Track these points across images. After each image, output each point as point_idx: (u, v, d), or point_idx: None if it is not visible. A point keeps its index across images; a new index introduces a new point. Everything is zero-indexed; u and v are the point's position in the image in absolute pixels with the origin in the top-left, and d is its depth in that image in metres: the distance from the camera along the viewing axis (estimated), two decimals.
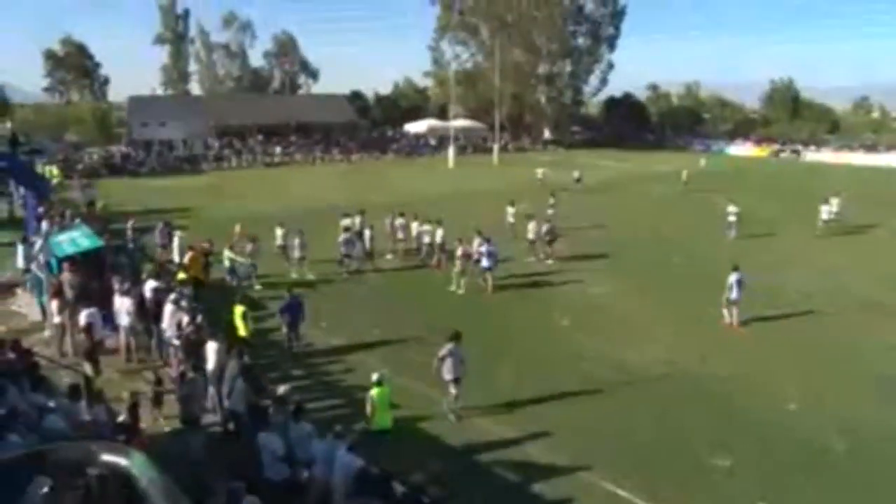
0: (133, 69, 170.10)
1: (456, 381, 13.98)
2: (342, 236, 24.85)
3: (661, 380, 16.07)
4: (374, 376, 12.57)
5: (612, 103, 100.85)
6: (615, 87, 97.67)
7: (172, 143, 67.44)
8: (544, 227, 26.86)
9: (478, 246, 23.40)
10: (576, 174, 47.24)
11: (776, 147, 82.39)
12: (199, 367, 13.56)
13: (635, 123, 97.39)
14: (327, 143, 74.99)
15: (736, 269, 19.82)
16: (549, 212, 31.28)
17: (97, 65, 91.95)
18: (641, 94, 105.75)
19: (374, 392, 12.31)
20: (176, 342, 15.07)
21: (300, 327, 17.53)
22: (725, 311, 19.78)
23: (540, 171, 49.84)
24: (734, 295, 19.51)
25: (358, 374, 15.78)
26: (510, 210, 29.27)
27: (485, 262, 22.63)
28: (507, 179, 50.33)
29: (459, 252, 23.05)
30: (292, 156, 70.02)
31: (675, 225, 34.53)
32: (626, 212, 38.76)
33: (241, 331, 16.08)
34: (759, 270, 23.88)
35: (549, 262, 26.41)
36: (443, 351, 13.99)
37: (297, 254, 24.18)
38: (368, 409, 12.27)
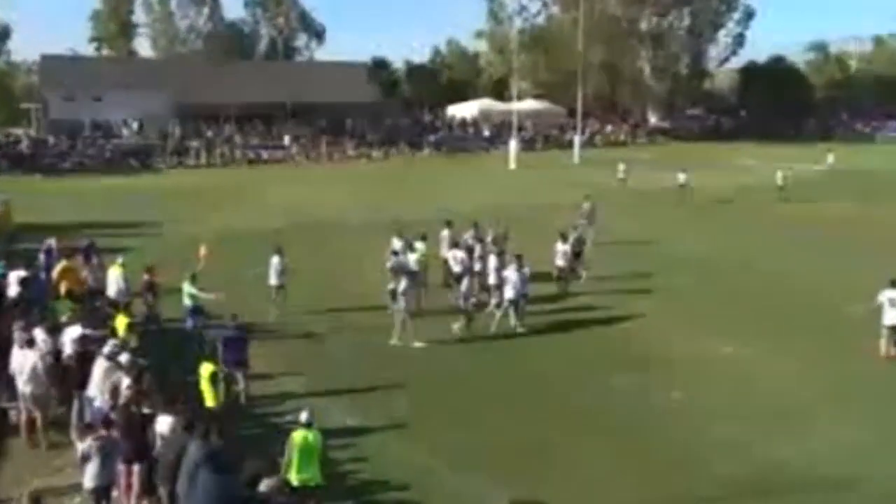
0: (47, 16, 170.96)
1: None
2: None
3: (839, 490, 15.16)
4: (303, 416, 13.14)
5: (751, 73, 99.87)
6: (757, 50, 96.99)
7: (112, 126, 68.30)
8: (572, 236, 28.48)
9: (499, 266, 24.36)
10: (681, 178, 46.82)
11: None
12: (144, 452, 13.16)
13: (789, 102, 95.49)
14: (338, 132, 75.44)
15: (895, 284, 20.97)
16: (581, 221, 32.97)
17: None
18: (799, 59, 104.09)
19: (295, 435, 12.92)
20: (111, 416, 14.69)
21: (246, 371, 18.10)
22: (883, 342, 21.06)
23: (621, 168, 50.78)
24: (890, 319, 20.89)
25: (378, 463, 15.55)
26: (561, 248, 27.51)
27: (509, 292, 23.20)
28: (589, 187, 49.52)
29: (456, 266, 24.72)
30: (287, 150, 70.51)
31: (828, 258, 33.47)
32: (753, 235, 38.09)
33: (209, 399, 15.73)
34: None
35: (583, 275, 28.42)
36: None
37: (273, 280, 24.25)
38: (286, 457, 12.89)
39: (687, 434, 17.30)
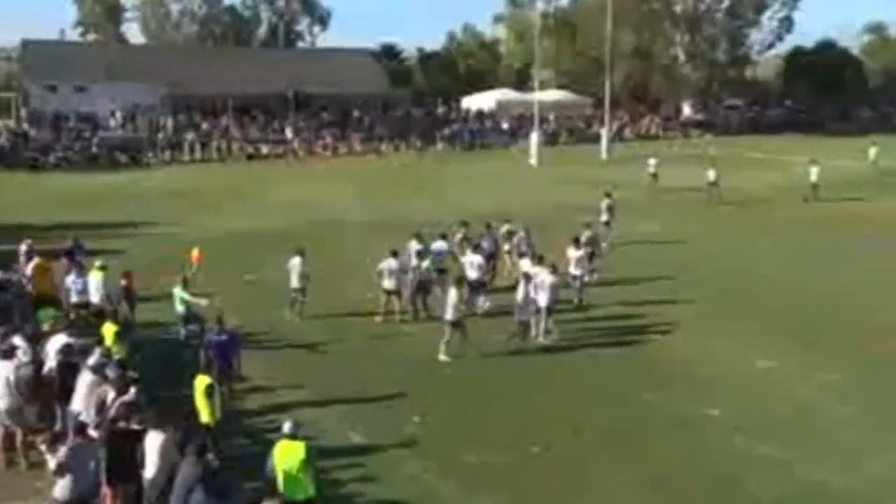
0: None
1: None
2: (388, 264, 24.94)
3: None
4: (286, 426, 13.23)
5: (798, 59, 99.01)
6: (805, 33, 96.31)
7: (99, 119, 68.67)
8: (584, 236, 28.44)
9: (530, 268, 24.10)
10: (710, 175, 46.69)
11: None
12: (132, 472, 13.14)
13: (841, 92, 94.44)
14: (344, 125, 75.55)
15: None
16: (603, 217, 33.70)
17: None
18: (853, 43, 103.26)
19: (276, 447, 13.09)
20: (94, 433, 14.66)
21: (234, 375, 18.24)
22: None
23: (652, 163, 50.70)
24: None
25: (387, 484, 15.50)
26: (574, 255, 27.15)
27: (542, 299, 22.90)
28: (617, 185, 49.07)
29: (473, 272, 24.63)
30: (289, 144, 70.64)
31: (862, 261, 33.34)
32: (787, 237, 37.95)
33: (204, 414, 15.68)
34: None
35: (594, 277, 28.49)
36: None
37: (295, 283, 24.48)
38: (269, 469, 13.05)
39: (720, 451, 17.20)
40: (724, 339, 23.90)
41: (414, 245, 26.20)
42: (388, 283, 24.51)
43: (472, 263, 25.28)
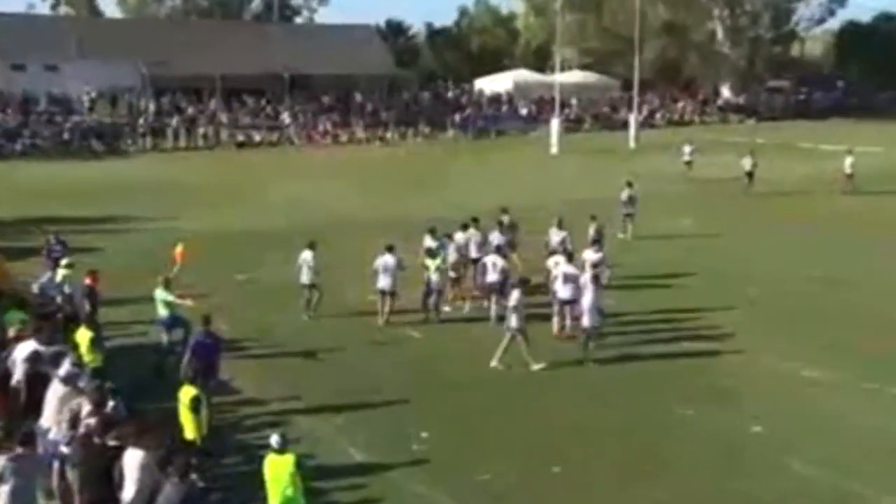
0: None
1: None
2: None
3: None
4: (274, 439, 13.45)
5: (851, 35, 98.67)
6: (858, 6, 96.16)
7: (72, 102, 68.76)
8: (591, 229, 29.31)
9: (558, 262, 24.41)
10: (747, 164, 46.71)
11: None
12: (108, 494, 13.10)
13: None
14: (345, 110, 75.64)
15: None
16: (624, 210, 34.75)
17: None
18: None
19: (266, 461, 13.41)
20: (65, 449, 14.64)
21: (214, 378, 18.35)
22: None
23: (687, 150, 51.09)
24: None
25: None
26: (592, 258, 26.71)
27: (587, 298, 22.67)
28: (647, 176, 48.94)
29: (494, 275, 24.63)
30: (284, 131, 70.71)
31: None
32: (830, 234, 37.76)
33: (190, 430, 15.63)
34: None
35: (611, 275, 28.14)
36: None
37: (305, 278, 24.71)
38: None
39: (767, 475, 17.05)
40: (765, 345, 23.74)
41: (427, 241, 26.35)
42: (382, 282, 24.64)
43: (494, 265, 25.23)
